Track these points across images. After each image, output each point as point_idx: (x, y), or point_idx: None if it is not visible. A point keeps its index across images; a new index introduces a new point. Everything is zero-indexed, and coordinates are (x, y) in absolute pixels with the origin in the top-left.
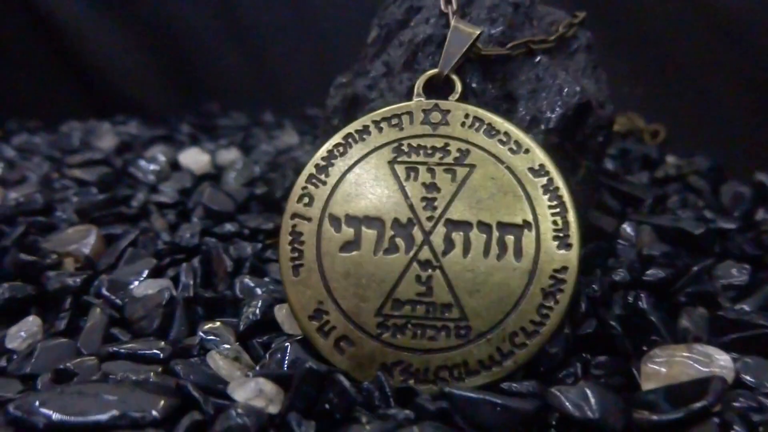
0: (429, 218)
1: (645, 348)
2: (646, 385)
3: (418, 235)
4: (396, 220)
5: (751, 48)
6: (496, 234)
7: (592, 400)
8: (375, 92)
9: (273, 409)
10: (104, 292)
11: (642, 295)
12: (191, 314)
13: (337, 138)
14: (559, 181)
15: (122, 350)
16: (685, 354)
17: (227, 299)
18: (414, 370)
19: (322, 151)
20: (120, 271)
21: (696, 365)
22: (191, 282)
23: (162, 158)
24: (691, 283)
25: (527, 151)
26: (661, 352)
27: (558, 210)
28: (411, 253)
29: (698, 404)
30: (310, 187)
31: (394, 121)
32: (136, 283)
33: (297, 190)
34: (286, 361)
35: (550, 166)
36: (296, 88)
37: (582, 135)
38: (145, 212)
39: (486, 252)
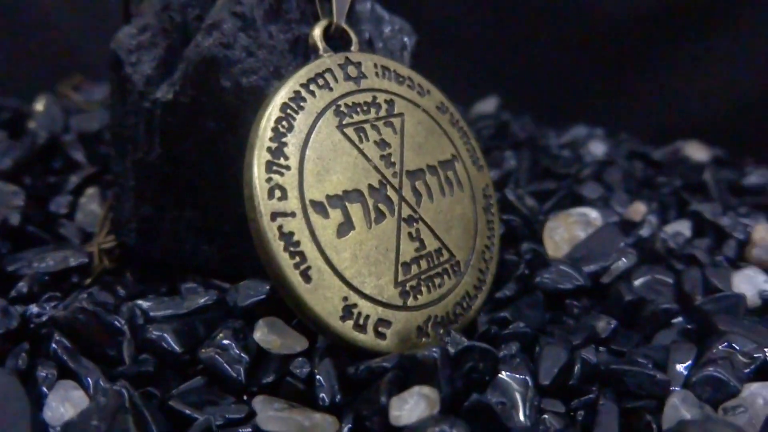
0: (394, 174)
1: (536, 228)
2: (558, 253)
3: (392, 194)
4: (371, 186)
5: None
6: (441, 173)
7: (572, 272)
8: (238, 50)
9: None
10: None
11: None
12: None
13: (273, 111)
14: (456, 114)
15: None
16: (569, 219)
17: (154, 366)
18: (440, 319)
19: (266, 131)
20: None
21: (582, 224)
22: (96, 378)
23: None
24: (513, 169)
25: (429, 91)
26: (553, 223)
27: (465, 139)
28: (396, 214)
29: (631, 239)
30: (275, 177)
31: (321, 82)
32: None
33: (260, 184)
34: (330, 378)
35: (447, 102)
36: None
37: None
38: None
39: (442, 191)
